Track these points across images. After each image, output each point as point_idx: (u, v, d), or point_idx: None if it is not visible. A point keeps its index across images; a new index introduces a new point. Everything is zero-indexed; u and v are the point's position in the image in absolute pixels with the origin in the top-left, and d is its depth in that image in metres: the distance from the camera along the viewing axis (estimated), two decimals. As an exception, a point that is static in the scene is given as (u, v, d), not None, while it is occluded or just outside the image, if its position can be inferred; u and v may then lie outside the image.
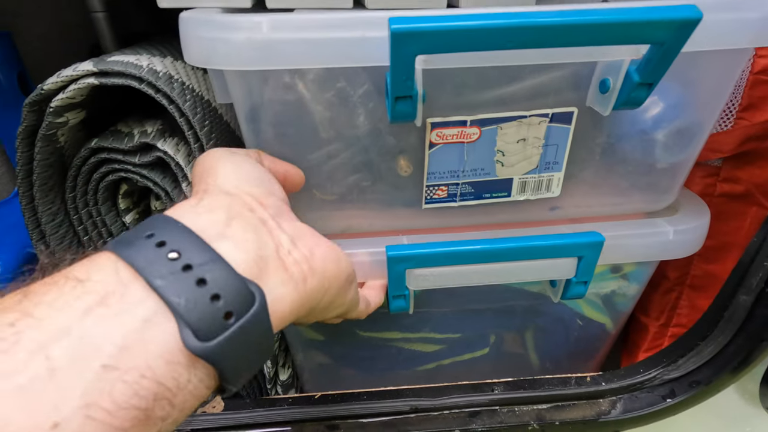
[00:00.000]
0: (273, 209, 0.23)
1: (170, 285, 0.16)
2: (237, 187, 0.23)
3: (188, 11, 0.28)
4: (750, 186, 0.40)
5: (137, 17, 0.55)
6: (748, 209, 0.41)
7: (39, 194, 0.37)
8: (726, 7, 0.26)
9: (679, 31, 0.23)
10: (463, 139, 0.31)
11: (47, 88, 0.32)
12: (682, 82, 0.32)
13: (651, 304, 0.48)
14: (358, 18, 0.25)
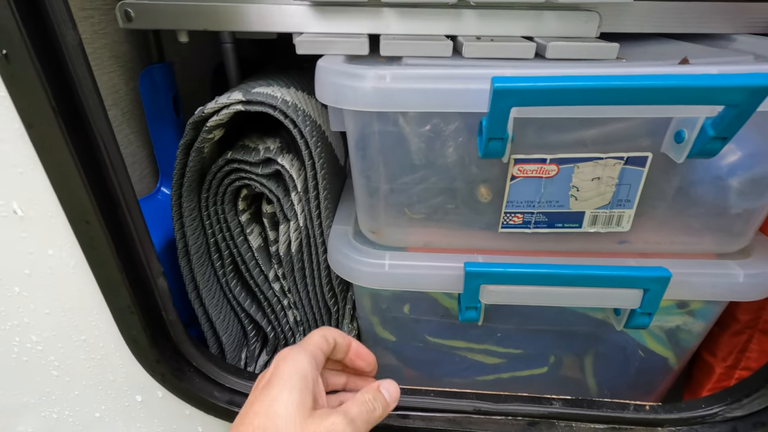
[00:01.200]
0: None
1: None
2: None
3: (323, 60, 0.35)
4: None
5: (250, 46, 0.66)
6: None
7: (185, 194, 0.46)
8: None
9: (753, 96, 0.26)
10: (542, 174, 0.36)
11: (207, 112, 0.41)
12: (760, 132, 0.34)
13: (718, 344, 0.48)
14: (462, 74, 0.30)
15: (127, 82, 0.49)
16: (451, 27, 0.40)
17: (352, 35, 0.40)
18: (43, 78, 0.24)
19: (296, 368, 0.28)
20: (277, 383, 0.28)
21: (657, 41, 0.46)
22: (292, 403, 0.27)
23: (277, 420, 0.26)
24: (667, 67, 0.30)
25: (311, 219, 0.46)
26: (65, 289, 0.34)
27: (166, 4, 0.40)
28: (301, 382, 0.28)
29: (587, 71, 0.29)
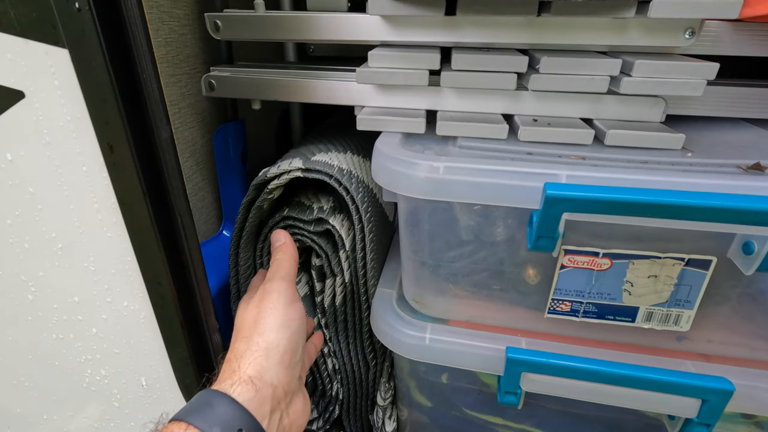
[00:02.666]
0: (290, 396, 0.32)
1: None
2: (277, 377, 0.31)
3: (381, 141, 0.37)
4: None
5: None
6: None
7: (243, 245, 0.49)
8: None
9: (835, 224, 0.24)
10: (593, 267, 0.35)
11: (269, 176, 0.44)
12: None
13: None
14: (515, 171, 0.31)
15: (203, 135, 0.54)
16: (508, 106, 0.41)
17: (411, 111, 0.41)
18: (138, 167, 0.28)
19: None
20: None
21: (729, 125, 0.43)
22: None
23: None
24: (734, 178, 0.28)
25: (356, 276, 0.47)
26: (134, 335, 0.37)
27: (244, 78, 0.44)
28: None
29: (645, 178, 0.29)
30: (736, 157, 0.35)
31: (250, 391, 0.29)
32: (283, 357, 0.32)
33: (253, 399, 0.28)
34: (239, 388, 0.28)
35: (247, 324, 0.33)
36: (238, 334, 0.33)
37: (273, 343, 0.32)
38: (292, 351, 0.33)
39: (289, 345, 0.32)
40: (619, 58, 0.37)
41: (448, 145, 0.39)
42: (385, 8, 0.36)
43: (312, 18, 0.41)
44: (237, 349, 0.32)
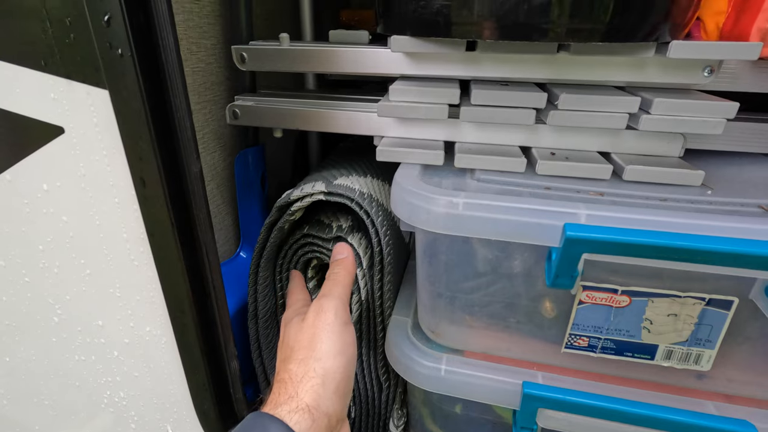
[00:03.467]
0: (341, 424, 0.32)
1: None
2: (332, 407, 0.31)
3: (400, 173, 0.38)
4: None
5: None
6: None
7: (263, 264, 0.50)
8: None
9: None
10: (612, 303, 0.35)
11: (293, 198, 0.45)
12: None
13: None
14: (534, 209, 0.31)
15: (224, 159, 0.55)
16: (526, 139, 0.42)
17: (429, 143, 0.42)
18: (168, 200, 0.29)
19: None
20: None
21: (750, 160, 0.43)
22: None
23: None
24: (755, 221, 0.28)
25: (373, 296, 0.48)
26: (154, 359, 0.38)
27: (267, 108, 0.45)
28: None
29: (665, 219, 0.29)
30: (757, 196, 0.35)
31: (307, 421, 0.28)
32: (339, 385, 0.32)
33: (310, 429, 0.28)
34: (297, 416, 0.28)
35: (303, 345, 0.33)
36: (293, 354, 0.33)
37: (330, 370, 0.32)
38: (347, 379, 0.33)
39: (345, 373, 0.32)
40: (638, 95, 0.38)
41: (465, 177, 0.39)
42: (406, 46, 0.37)
43: (335, 51, 0.42)
44: (293, 372, 0.31)
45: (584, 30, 0.31)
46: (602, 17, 0.30)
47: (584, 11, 0.30)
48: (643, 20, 0.32)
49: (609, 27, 0.31)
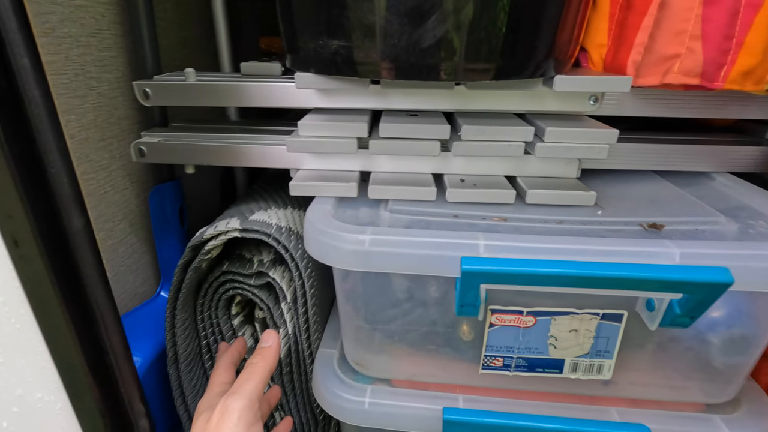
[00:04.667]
0: None
1: None
2: None
3: (312, 210, 0.38)
4: (827, 388, 0.39)
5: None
6: (827, 412, 0.39)
7: (180, 306, 0.48)
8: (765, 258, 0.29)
9: (712, 290, 0.27)
10: (520, 324, 0.36)
11: (206, 237, 0.43)
12: (735, 297, 0.34)
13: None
14: (436, 242, 0.32)
15: (137, 195, 0.52)
16: (437, 167, 0.43)
17: (344, 174, 0.42)
18: (46, 260, 0.27)
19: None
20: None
21: (639, 177, 0.47)
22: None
23: None
24: (634, 242, 0.31)
25: (299, 328, 0.47)
26: (50, 428, 0.35)
27: (175, 144, 0.44)
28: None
29: (556, 246, 0.31)
30: (639, 214, 0.38)
31: None
32: None
33: None
34: None
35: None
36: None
37: None
38: None
39: None
40: (535, 122, 0.40)
41: (379, 208, 0.40)
42: (310, 83, 0.38)
43: (243, 86, 0.42)
44: None
45: (474, 70, 0.33)
46: (490, 59, 0.32)
47: (473, 54, 0.32)
48: (528, 60, 0.34)
49: (497, 67, 0.33)
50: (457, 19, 0.30)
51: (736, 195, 0.42)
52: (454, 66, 0.32)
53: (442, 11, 0.30)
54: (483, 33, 0.31)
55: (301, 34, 0.36)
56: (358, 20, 0.31)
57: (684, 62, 0.37)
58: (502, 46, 0.32)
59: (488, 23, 0.31)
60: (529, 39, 0.33)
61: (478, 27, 0.31)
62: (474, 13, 0.30)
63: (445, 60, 0.32)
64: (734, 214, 0.38)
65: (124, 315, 0.53)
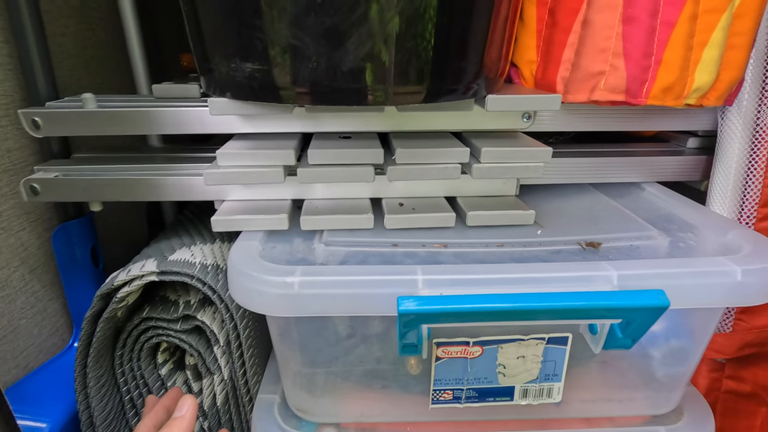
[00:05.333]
0: None
1: None
2: None
3: (236, 249, 0.34)
4: (756, 387, 0.41)
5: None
6: (758, 409, 0.41)
7: (91, 363, 0.42)
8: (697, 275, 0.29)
9: (650, 313, 0.26)
10: (467, 355, 0.35)
11: (117, 284, 0.38)
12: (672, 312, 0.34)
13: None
14: (372, 281, 0.29)
15: (39, 235, 0.46)
16: (375, 190, 0.41)
17: (274, 204, 0.39)
18: None
19: None
20: None
21: (575, 189, 0.48)
22: None
23: None
24: (574, 266, 0.30)
25: (236, 373, 0.43)
26: None
27: (76, 179, 0.38)
28: None
29: (496, 276, 0.29)
30: (577, 232, 0.38)
31: None
32: None
33: None
34: None
35: None
36: None
37: None
38: None
39: None
40: (471, 142, 0.39)
41: (313, 240, 0.37)
42: (226, 109, 0.34)
43: (153, 113, 0.37)
44: None
45: (402, 94, 0.31)
46: (418, 82, 0.31)
47: (399, 77, 0.30)
48: (458, 82, 0.33)
49: (426, 90, 0.31)
50: (379, 40, 0.28)
51: (665, 205, 0.44)
52: (380, 90, 0.30)
53: (363, 31, 0.28)
54: (409, 54, 0.29)
55: (212, 55, 0.32)
56: (271, 41, 0.28)
57: (609, 79, 0.38)
58: (430, 68, 0.30)
59: (414, 44, 0.29)
60: (458, 60, 0.32)
61: (403, 48, 0.29)
62: (397, 33, 0.28)
63: (370, 84, 0.29)
64: (665, 226, 0.38)
65: (28, 375, 0.46)
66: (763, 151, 0.41)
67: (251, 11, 0.28)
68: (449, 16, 0.29)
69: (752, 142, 0.41)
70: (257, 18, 0.28)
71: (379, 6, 0.27)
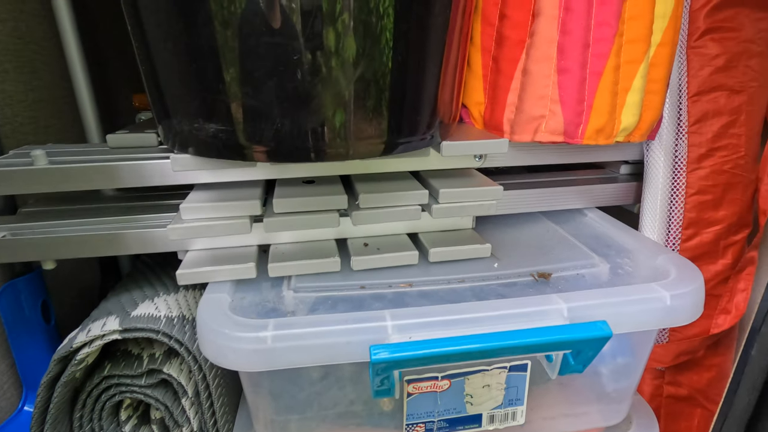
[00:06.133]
0: None
1: None
2: None
3: (204, 304, 0.34)
4: (691, 390, 0.46)
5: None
6: (694, 410, 0.46)
7: (49, 429, 0.39)
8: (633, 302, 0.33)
9: (595, 342, 0.30)
10: (436, 389, 0.36)
11: (76, 346, 0.37)
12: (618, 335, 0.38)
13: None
14: (344, 329, 0.31)
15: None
16: (340, 232, 0.42)
17: (241, 251, 0.39)
18: None
19: None
20: None
21: (527, 218, 0.51)
22: None
23: None
24: (528, 301, 0.33)
25: (206, 424, 0.42)
26: None
27: (25, 239, 0.37)
28: None
29: (458, 317, 0.31)
30: (530, 263, 0.41)
31: None
32: None
33: None
34: None
35: None
36: None
37: None
38: None
39: None
40: (427, 183, 0.41)
41: (282, 287, 0.38)
42: (190, 165, 0.34)
43: (110, 168, 0.37)
44: None
45: (361, 149, 0.32)
46: (376, 138, 0.32)
47: (358, 134, 0.32)
48: (413, 134, 0.35)
49: (384, 144, 0.33)
50: (339, 103, 0.30)
51: (604, 230, 0.48)
52: (341, 146, 0.32)
53: (324, 95, 0.29)
54: (367, 113, 0.31)
55: (173, 112, 0.33)
56: (234, 104, 0.29)
57: (549, 122, 0.41)
58: (387, 124, 0.32)
59: (372, 103, 0.31)
60: (413, 114, 0.34)
61: (361, 107, 0.31)
62: (356, 95, 0.30)
63: (330, 141, 0.31)
64: (605, 252, 0.43)
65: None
66: (682, 179, 0.46)
67: (215, 75, 0.29)
68: (403, 76, 0.31)
69: (673, 171, 0.47)
70: (221, 82, 0.29)
71: (340, 72, 0.29)
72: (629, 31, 0.40)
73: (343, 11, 0.27)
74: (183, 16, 0.28)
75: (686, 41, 0.45)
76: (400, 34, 0.30)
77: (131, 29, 0.32)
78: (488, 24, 0.44)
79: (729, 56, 0.44)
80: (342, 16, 0.27)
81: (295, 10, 0.27)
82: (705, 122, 0.45)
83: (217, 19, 0.27)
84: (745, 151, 0.45)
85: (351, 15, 0.27)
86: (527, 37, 0.41)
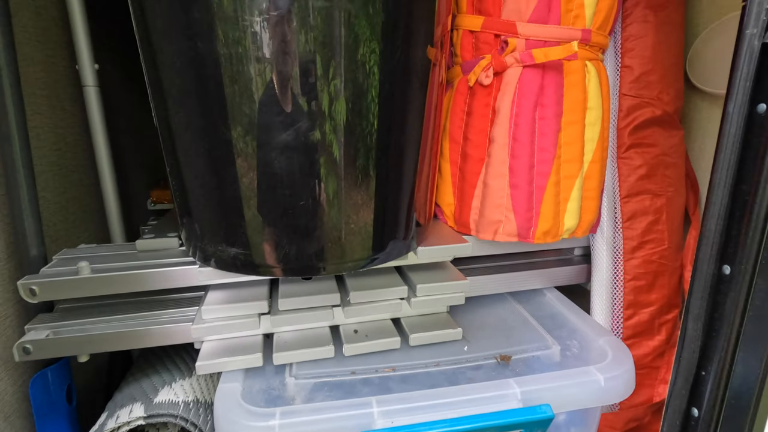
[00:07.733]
0: None
1: None
2: None
3: (219, 400, 0.40)
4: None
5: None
6: (647, 472, 0.52)
7: None
8: (574, 385, 0.41)
9: (541, 423, 0.37)
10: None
11: (107, 431, 0.42)
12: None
13: None
14: (338, 416, 0.37)
15: (14, 382, 0.48)
16: (334, 320, 0.49)
17: (249, 340, 0.46)
18: None
19: None
20: None
21: (495, 302, 0.59)
22: None
23: None
24: (492, 385, 0.40)
25: None
26: None
27: (65, 338, 0.43)
28: None
29: (435, 402, 0.38)
30: (494, 345, 0.49)
31: None
32: None
33: None
34: None
35: None
36: None
37: None
38: None
39: None
40: (407, 277, 0.50)
41: (284, 374, 0.44)
42: (213, 277, 0.42)
43: (141, 275, 0.44)
44: None
45: (353, 264, 0.41)
46: (363, 255, 0.41)
47: (349, 254, 0.40)
48: (394, 249, 0.43)
49: (371, 259, 0.42)
50: (336, 232, 0.39)
51: (560, 310, 0.56)
52: (337, 263, 0.40)
53: (324, 228, 0.38)
54: (357, 237, 0.40)
55: (201, 236, 0.41)
56: (252, 235, 0.38)
57: (505, 226, 0.51)
58: (371, 243, 0.41)
59: (361, 227, 0.40)
60: (393, 232, 0.43)
61: (352, 233, 0.39)
62: (346, 227, 0.39)
63: (328, 260, 0.39)
64: (558, 334, 0.50)
65: None
66: (620, 266, 0.55)
67: (238, 215, 0.37)
68: (383, 208, 0.40)
69: (613, 259, 0.56)
70: (242, 219, 0.37)
71: (336, 211, 0.38)
72: (565, 154, 0.50)
73: (334, 175, 0.36)
74: (218, 180, 0.37)
75: (616, 152, 0.56)
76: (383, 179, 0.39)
77: (173, 183, 0.40)
78: (454, 142, 0.54)
79: (649, 166, 0.55)
80: (332, 178, 0.36)
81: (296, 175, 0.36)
82: (635, 219, 0.55)
83: (243, 183, 0.36)
84: (668, 244, 0.55)
85: (340, 180, 0.37)
86: (486, 156, 0.51)
